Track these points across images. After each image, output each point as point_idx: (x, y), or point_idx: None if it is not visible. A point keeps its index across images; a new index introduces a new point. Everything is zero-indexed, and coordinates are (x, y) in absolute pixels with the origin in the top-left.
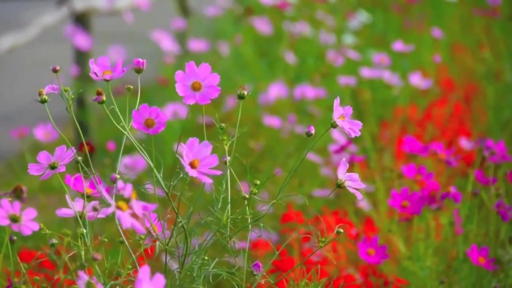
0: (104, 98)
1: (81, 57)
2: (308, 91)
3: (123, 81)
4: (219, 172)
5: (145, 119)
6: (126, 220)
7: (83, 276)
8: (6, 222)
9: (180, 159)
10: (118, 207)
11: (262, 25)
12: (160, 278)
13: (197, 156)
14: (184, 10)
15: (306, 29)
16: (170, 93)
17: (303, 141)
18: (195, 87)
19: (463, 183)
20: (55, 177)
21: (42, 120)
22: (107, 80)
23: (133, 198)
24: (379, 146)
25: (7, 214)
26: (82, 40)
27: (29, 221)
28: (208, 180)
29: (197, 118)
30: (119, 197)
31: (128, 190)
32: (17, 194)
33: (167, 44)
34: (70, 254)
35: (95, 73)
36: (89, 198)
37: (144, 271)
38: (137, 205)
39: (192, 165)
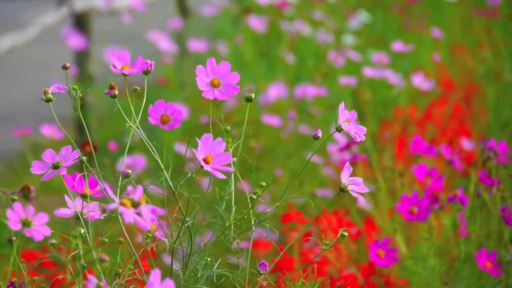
0: (116, 92)
1: (80, 58)
2: (309, 90)
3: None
4: (231, 169)
5: (160, 115)
6: (128, 215)
7: (93, 279)
8: (18, 226)
9: (195, 153)
10: (122, 204)
11: (258, 24)
12: (170, 283)
13: (210, 153)
14: (184, 10)
15: (305, 29)
16: (170, 93)
17: (304, 141)
18: (214, 84)
19: (464, 183)
20: (56, 177)
21: (42, 120)
22: (125, 75)
23: (143, 201)
24: (379, 146)
25: (19, 218)
26: (77, 42)
27: (41, 226)
28: (221, 176)
29: (198, 119)
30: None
31: (138, 193)
32: (24, 193)
33: (164, 44)
34: (72, 254)
35: (114, 66)
36: (90, 198)
37: (156, 274)
38: (147, 209)
39: (205, 161)
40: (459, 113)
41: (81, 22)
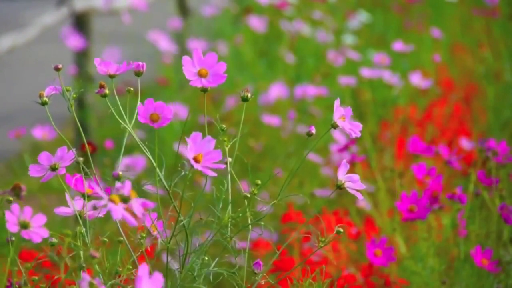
0: (106, 91)
1: (80, 57)
2: (309, 90)
3: (124, 82)
4: (223, 166)
5: (150, 113)
6: (117, 212)
7: (86, 277)
8: (16, 228)
9: (184, 153)
10: (111, 200)
11: (258, 24)
12: (158, 277)
13: (200, 151)
14: (184, 10)
15: (305, 29)
16: (170, 93)
17: (304, 141)
18: (202, 74)
19: (463, 183)
20: (54, 178)
21: (42, 120)
22: (111, 76)
23: (133, 196)
24: (379, 146)
25: (17, 220)
26: (77, 42)
27: (39, 228)
28: (212, 174)
29: (197, 118)
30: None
31: (127, 189)
32: (16, 192)
33: (164, 44)
34: (71, 255)
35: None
36: (89, 197)
37: (143, 268)
38: (137, 203)
39: (196, 160)
40: (459, 113)
41: (81, 22)
